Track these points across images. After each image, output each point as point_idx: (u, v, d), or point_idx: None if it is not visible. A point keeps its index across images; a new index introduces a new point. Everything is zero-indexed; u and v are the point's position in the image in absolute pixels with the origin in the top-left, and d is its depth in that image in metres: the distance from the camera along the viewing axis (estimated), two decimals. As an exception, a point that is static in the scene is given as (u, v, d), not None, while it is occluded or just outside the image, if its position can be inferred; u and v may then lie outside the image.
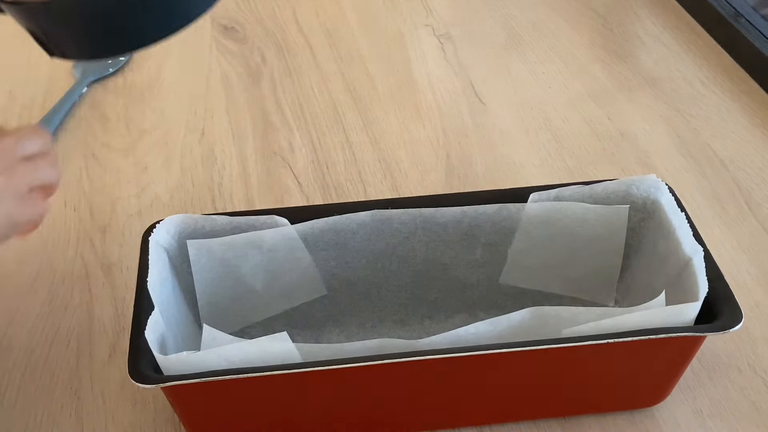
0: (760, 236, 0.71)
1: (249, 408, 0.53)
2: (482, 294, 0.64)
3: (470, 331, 0.52)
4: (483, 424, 0.58)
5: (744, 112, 0.86)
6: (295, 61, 0.95)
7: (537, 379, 0.54)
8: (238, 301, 0.61)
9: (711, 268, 0.54)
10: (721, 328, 0.52)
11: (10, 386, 0.61)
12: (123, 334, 0.64)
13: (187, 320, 0.59)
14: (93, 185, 0.78)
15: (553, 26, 1.00)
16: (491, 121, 0.85)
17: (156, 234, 0.57)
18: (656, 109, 0.86)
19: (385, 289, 0.63)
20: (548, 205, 0.61)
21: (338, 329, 0.63)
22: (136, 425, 0.59)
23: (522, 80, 0.91)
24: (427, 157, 0.81)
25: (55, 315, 0.66)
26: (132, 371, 0.50)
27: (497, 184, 0.77)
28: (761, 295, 0.66)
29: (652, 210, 0.61)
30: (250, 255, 0.60)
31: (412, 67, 0.93)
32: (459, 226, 0.61)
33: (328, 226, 0.60)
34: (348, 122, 0.86)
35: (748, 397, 0.59)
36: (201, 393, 0.51)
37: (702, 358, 0.62)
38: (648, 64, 0.93)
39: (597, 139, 0.83)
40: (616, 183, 0.61)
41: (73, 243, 0.72)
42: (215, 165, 0.80)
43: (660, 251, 0.59)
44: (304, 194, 0.77)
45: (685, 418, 0.58)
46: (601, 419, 0.58)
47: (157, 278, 0.55)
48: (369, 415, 0.56)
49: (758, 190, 0.76)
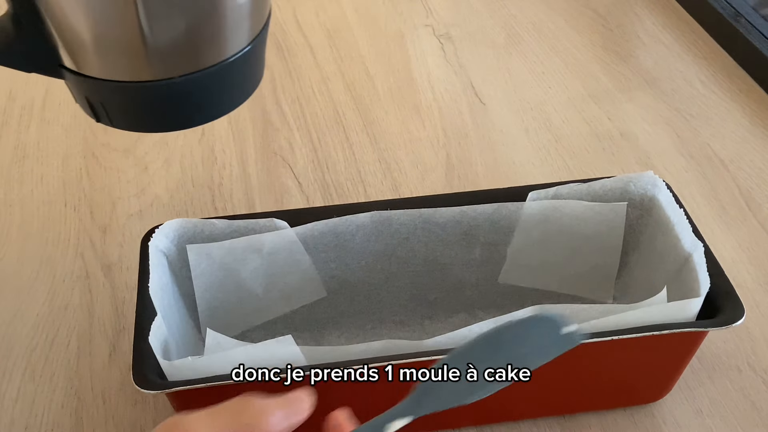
0: (760, 236, 0.71)
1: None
2: (482, 293, 0.64)
3: (474, 331, 0.52)
4: (483, 424, 0.58)
5: (744, 112, 0.86)
6: (295, 61, 0.95)
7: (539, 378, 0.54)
8: (239, 305, 0.61)
9: (711, 264, 0.54)
10: (724, 323, 0.52)
11: (10, 386, 0.61)
12: (123, 334, 0.64)
13: (186, 325, 0.59)
14: (93, 185, 0.78)
15: (553, 26, 1.00)
16: (491, 121, 0.85)
17: (155, 239, 0.57)
18: (656, 109, 0.86)
19: (384, 290, 0.63)
20: (546, 204, 0.61)
21: (338, 331, 0.63)
22: (136, 425, 0.59)
23: (522, 80, 0.91)
24: (427, 157, 0.81)
25: (55, 315, 0.66)
26: (137, 378, 0.49)
27: (497, 184, 0.77)
28: (761, 295, 0.66)
29: (649, 207, 0.61)
30: (250, 259, 0.59)
31: (412, 67, 0.93)
32: (458, 226, 0.61)
33: (328, 229, 0.60)
34: (348, 122, 0.86)
35: (748, 397, 0.59)
36: (207, 398, 0.51)
37: (702, 357, 0.62)
38: (648, 64, 0.93)
39: (597, 139, 0.83)
40: (613, 180, 0.61)
41: (73, 243, 0.72)
42: (215, 165, 0.80)
43: (658, 248, 0.59)
44: (304, 194, 0.77)
45: (685, 418, 0.58)
46: (602, 418, 0.58)
47: (158, 283, 0.54)
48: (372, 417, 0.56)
49: (758, 190, 0.76)
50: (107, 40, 0.52)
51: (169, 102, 0.56)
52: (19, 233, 0.73)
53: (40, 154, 0.82)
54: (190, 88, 0.55)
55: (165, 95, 0.55)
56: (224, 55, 0.55)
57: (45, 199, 0.77)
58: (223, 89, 0.57)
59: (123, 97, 0.54)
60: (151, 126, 0.58)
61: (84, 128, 0.85)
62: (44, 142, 0.83)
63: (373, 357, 0.50)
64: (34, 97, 0.89)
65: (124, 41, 0.52)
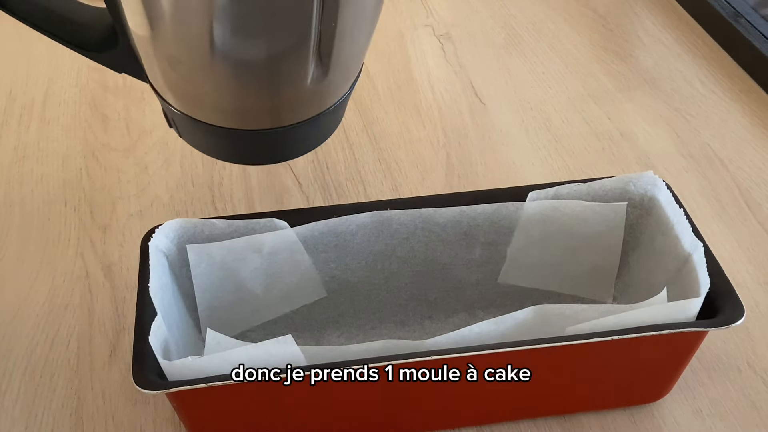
0: (760, 236, 0.72)
1: (255, 411, 0.53)
2: (482, 293, 0.64)
3: (474, 331, 0.52)
4: (483, 424, 0.58)
5: (744, 112, 0.86)
6: (295, 61, 0.95)
7: (540, 378, 0.54)
8: (238, 305, 0.61)
9: (711, 264, 0.55)
10: (723, 323, 0.52)
11: (10, 386, 0.61)
12: (123, 334, 0.65)
13: (186, 325, 0.59)
14: (93, 185, 0.78)
15: (553, 26, 1.00)
16: (491, 121, 0.85)
17: (155, 239, 0.57)
18: (656, 109, 0.86)
19: (384, 290, 0.63)
20: (547, 204, 0.61)
21: (338, 331, 0.63)
22: (136, 425, 0.59)
23: (522, 80, 0.91)
24: (427, 157, 0.81)
25: (55, 315, 0.66)
26: (137, 378, 0.49)
27: (497, 184, 0.77)
28: (761, 295, 0.66)
29: (649, 206, 0.61)
30: (250, 259, 0.59)
31: (412, 67, 0.94)
32: (458, 226, 0.61)
33: (328, 229, 0.60)
34: (348, 122, 0.86)
35: (748, 397, 0.59)
36: (207, 398, 0.51)
37: (702, 357, 0.62)
38: (648, 64, 0.93)
39: (597, 139, 0.83)
40: (613, 180, 0.61)
41: (73, 243, 0.72)
42: (215, 165, 0.80)
43: (658, 247, 0.59)
44: (304, 194, 0.77)
45: (685, 418, 0.58)
46: (601, 418, 0.58)
47: (158, 283, 0.54)
48: (371, 417, 0.56)
49: (758, 190, 0.76)
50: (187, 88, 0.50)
51: (240, 144, 0.54)
52: (19, 233, 0.73)
53: (40, 154, 0.82)
54: (268, 138, 0.53)
55: (239, 139, 0.53)
56: (317, 111, 0.53)
57: (45, 199, 0.77)
58: (308, 135, 0.55)
59: (195, 127, 0.53)
60: (218, 155, 0.56)
61: (84, 128, 0.85)
62: (44, 142, 0.83)
63: (373, 357, 0.50)
64: (34, 97, 0.89)
65: (207, 97, 0.51)
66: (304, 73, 0.48)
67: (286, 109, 0.51)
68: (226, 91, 0.49)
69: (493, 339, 0.53)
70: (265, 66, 0.47)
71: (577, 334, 0.52)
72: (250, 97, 0.50)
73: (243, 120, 0.51)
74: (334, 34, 0.47)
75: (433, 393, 0.54)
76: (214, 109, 0.51)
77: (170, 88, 0.51)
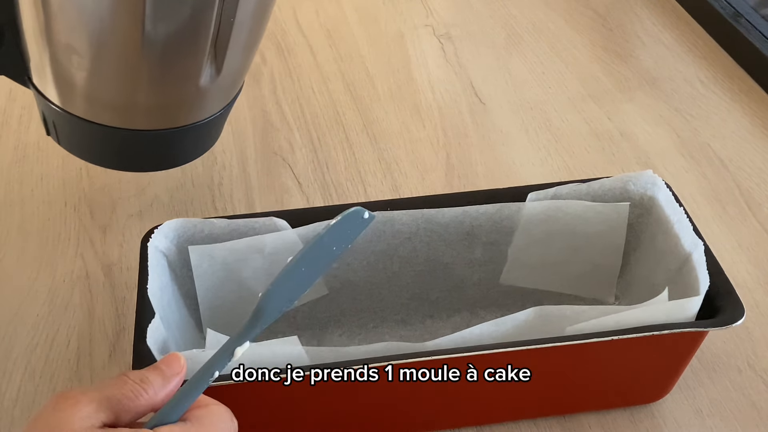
0: (760, 236, 0.72)
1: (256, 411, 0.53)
2: (483, 293, 0.64)
3: (475, 332, 0.52)
4: (483, 424, 0.58)
5: (744, 112, 0.86)
6: (295, 61, 0.95)
7: (540, 378, 0.54)
8: (240, 305, 0.61)
9: (711, 263, 0.55)
10: (723, 323, 0.52)
11: (10, 386, 0.61)
12: (123, 334, 0.64)
13: (187, 325, 0.59)
14: (93, 185, 0.78)
15: (553, 26, 1.00)
16: (491, 121, 0.85)
17: (154, 239, 0.57)
18: (656, 109, 0.86)
19: (386, 289, 0.63)
20: (548, 204, 0.61)
21: (340, 330, 0.63)
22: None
23: (522, 80, 0.91)
24: (427, 157, 0.81)
25: (55, 315, 0.66)
26: None
27: (497, 184, 0.77)
28: (761, 295, 0.66)
29: (649, 206, 0.61)
30: (252, 259, 0.59)
31: (412, 67, 0.94)
32: (460, 226, 0.61)
33: (329, 228, 0.60)
34: (348, 122, 0.86)
35: (748, 397, 0.59)
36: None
37: (702, 357, 0.62)
38: (648, 64, 0.93)
39: (597, 139, 0.83)
40: (612, 180, 0.61)
41: (73, 243, 0.72)
42: (215, 165, 0.80)
43: (659, 247, 0.59)
44: (304, 194, 0.77)
45: (685, 418, 0.58)
46: (602, 418, 0.58)
47: (157, 284, 0.54)
48: (372, 417, 0.56)
49: (758, 190, 0.76)
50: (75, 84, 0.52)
51: (119, 147, 0.55)
52: (19, 233, 0.73)
53: (40, 154, 0.82)
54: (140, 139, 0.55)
55: (120, 140, 0.55)
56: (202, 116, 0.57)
57: (45, 199, 0.77)
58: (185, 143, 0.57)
59: (76, 128, 0.54)
60: (92, 159, 0.58)
61: (84, 128, 0.85)
62: (44, 142, 0.83)
63: (377, 357, 0.50)
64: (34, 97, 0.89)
65: (100, 88, 0.52)
66: (199, 67, 0.51)
67: (174, 107, 0.53)
68: (121, 82, 0.51)
69: (494, 340, 0.53)
70: (164, 56, 0.50)
71: (577, 334, 0.52)
72: (143, 89, 0.52)
73: (128, 117, 0.53)
74: (231, 30, 0.50)
75: (433, 393, 0.54)
76: (102, 104, 0.52)
77: (61, 82, 0.52)
